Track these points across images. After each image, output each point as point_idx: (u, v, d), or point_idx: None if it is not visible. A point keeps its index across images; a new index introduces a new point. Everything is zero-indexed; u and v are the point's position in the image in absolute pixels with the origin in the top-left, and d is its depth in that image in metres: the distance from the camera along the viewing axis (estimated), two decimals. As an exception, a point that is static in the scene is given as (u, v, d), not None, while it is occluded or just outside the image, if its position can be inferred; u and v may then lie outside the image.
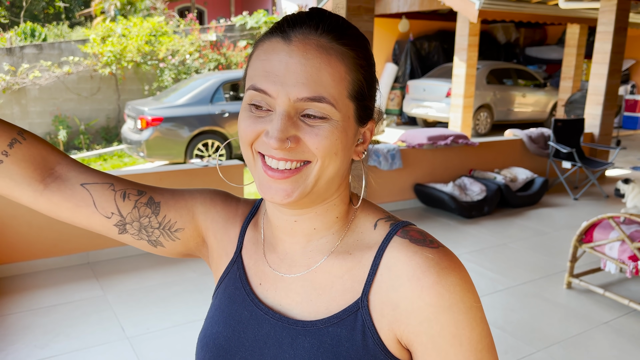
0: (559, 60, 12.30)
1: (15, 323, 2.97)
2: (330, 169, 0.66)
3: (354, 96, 0.67)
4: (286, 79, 0.63)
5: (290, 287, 0.73)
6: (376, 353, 0.67)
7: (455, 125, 8.60)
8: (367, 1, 4.47)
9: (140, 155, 7.15)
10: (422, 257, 0.66)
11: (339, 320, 0.68)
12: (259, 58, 0.67)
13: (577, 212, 5.37)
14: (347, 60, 0.66)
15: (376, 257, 0.69)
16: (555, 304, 3.36)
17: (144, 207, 0.78)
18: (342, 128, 0.65)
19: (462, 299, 0.64)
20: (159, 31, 10.27)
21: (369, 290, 0.68)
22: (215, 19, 15.64)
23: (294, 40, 0.64)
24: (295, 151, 0.64)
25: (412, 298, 0.65)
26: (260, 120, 0.65)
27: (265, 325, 0.72)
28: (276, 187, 0.65)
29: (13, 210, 3.54)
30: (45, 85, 9.21)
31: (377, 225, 0.72)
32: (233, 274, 0.78)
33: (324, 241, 0.73)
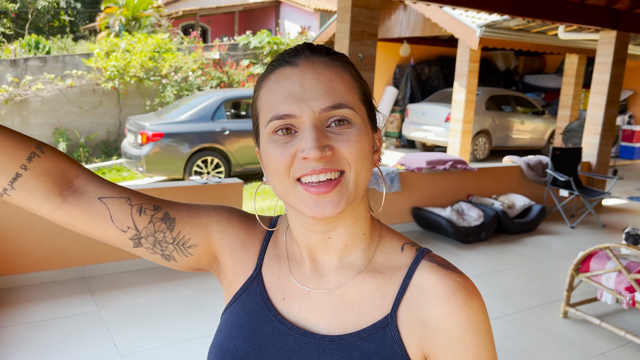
0: (557, 89, 12.44)
1: (8, 336, 2.94)
2: (364, 173, 0.70)
3: (364, 100, 0.73)
4: (306, 95, 0.67)
5: (317, 302, 0.75)
6: None
7: (454, 150, 8.66)
8: (371, 26, 4.54)
9: (139, 169, 7.16)
10: (452, 280, 0.71)
11: (368, 335, 0.71)
12: (270, 89, 0.70)
13: (573, 240, 5.38)
14: (349, 71, 0.72)
15: (406, 277, 0.73)
16: (551, 333, 3.35)
17: (160, 222, 0.79)
18: (365, 131, 0.70)
19: (483, 321, 0.70)
20: (163, 48, 10.38)
21: (397, 307, 0.71)
22: (219, 37, 15.82)
23: (301, 63, 0.70)
24: (332, 160, 0.67)
25: (443, 316, 0.69)
26: (289, 144, 0.68)
27: (289, 340, 0.73)
28: (324, 201, 0.67)
29: (10, 222, 3.53)
30: (48, 97, 9.26)
31: (404, 248, 0.76)
32: (252, 290, 0.79)
33: (353, 258, 0.76)
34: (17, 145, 0.71)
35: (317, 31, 15.57)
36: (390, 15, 10.17)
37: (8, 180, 0.71)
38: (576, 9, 5.81)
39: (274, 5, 18.96)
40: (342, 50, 4.53)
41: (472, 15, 7.98)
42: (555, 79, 12.77)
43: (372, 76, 4.65)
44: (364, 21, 4.50)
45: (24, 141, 0.73)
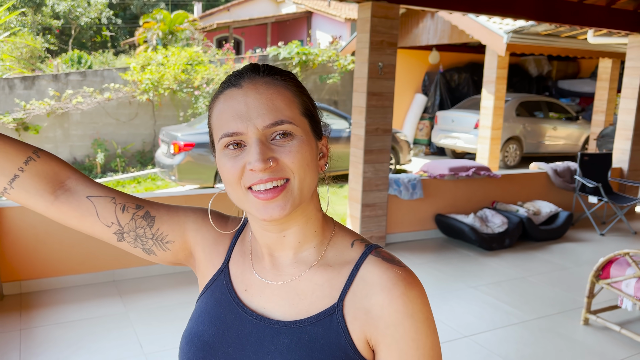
0: (592, 94, 12.16)
1: (41, 336, 3.14)
2: (308, 179, 0.78)
3: (306, 113, 0.81)
4: (249, 114, 0.76)
5: (275, 292, 0.83)
6: (347, 351, 0.77)
7: (483, 156, 8.60)
8: (390, 36, 4.62)
9: (172, 178, 7.40)
10: (393, 272, 0.78)
11: (317, 321, 0.79)
12: (219, 110, 0.80)
13: (602, 247, 5.28)
14: (290, 88, 0.80)
15: (353, 270, 0.80)
16: (570, 340, 3.32)
17: (140, 219, 0.89)
18: (306, 142, 0.78)
19: (421, 309, 0.77)
20: (196, 60, 10.69)
21: (344, 297, 0.79)
22: (252, 48, 16.15)
23: (245, 84, 0.78)
24: (276, 170, 0.75)
25: (383, 305, 0.77)
26: (239, 157, 0.77)
27: (248, 325, 0.82)
28: (272, 205, 0.76)
29: (47, 228, 3.76)
30: (87, 110, 9.67)
31: (353, 244, 0.84)
32: (220, 281, 0.89)
33: (307, 254, 0.84)
34: (15, 150, 0.84)
35: (347, 40, 15.70)
36: (418, 23, 10.21)
37: (7, 180, 0.84)
38: (603, 14, 5.74)
39: (305, 16, 19.22)
40: (362, 60, 4.62)
41: (499, 22, 7.94)
42: (590, 83, 12.49)
43: (393, 84, 4.72)
44: (383, 31, 4.58)
45: (22, 147, 0.85)
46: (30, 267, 3.73)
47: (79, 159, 9.68)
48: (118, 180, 8.94)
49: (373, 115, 4.67)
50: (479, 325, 3.48)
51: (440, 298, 3.90)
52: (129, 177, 9.13)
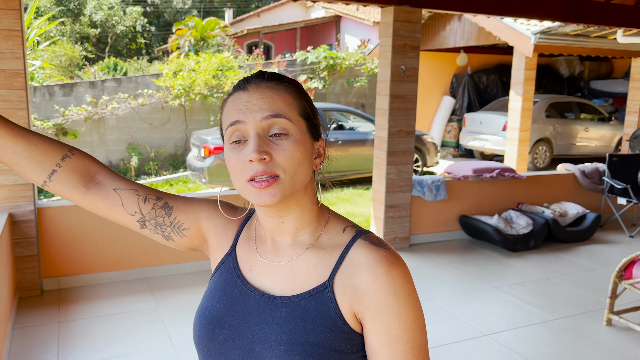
0: (626, 94, 11.90)
1: (77, 328, 3.33)
2: (299, 175, 0.88)
3: (303, 115, 0.91)
4: (251, 108, 0.88)
5: (274, 271, 0.94)
6: (336, 322, 0.87)
7: (511, 158, 8.54)
8: (413, 39, 4.69)
9: (203, 181, 7.61)
10: (378, 253, 0.88)
11: (310, 296, 0.89)
12: (228, 108, 0.92)
13: (631, 249, 5.21)
14: (291, 92, 0.91)
15: (343, 252, 0.91)
16: (591, 340, 3.33)
17: (160, 209, 1.03)
18: (300, 141, 0.88)
19: (403, 287, 0.87)
20: (226, 66, 10.94)
21: (334, 275, 0.89)
22: (281, 53, 16.38)
23: (250, 88, 0.90)
24: (270, 165, 0.85)
25: (368, 282, 0.86)
26: (242, 152, 0.88)
27: (251, 300, 0.93)
28: (264, 193, 0.86)
29: (84, 228, 3.97)
30: (122, 115, 10.01)
31: (345, 230, 0.95)
32: (228, 263, 1.00)
33: (303, 238, 0.95)
34: (53, 148, 0.98)
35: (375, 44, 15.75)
36: (445, 25, 10.21)
37: (47, 174, 0.98)
38: (632, 13, 5.67)
39: (334, 20, 19.37)
40: (385, 63, 4.70)
41: (526, 23, 7.89)
42: (623, 84, 12.22)
43: (415, 87, 4.78)
44: (406, 35, 4.66)
45: (59, 145, 1.00)
46: (68, 264, 3.95)
47: (114, 163, 10.03)
48: (151, 182, 9.22)
49: (396, 118, 4.74)
50: (500, 324, 3.52)
51: (463, 297, 3.94)
52: (161, 179, 9.42)
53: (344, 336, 0.87)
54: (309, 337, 0.86)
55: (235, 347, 0.91)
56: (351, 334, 0.88)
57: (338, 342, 0.86)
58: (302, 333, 0.86)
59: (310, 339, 0.86)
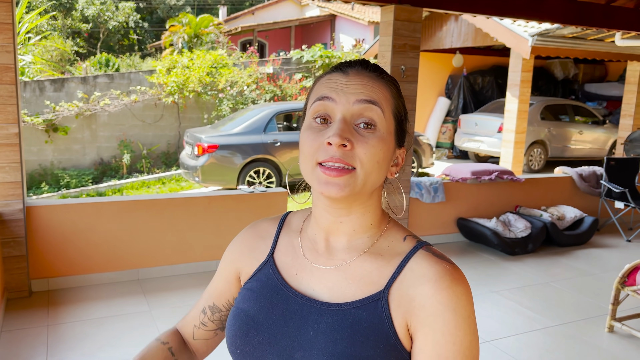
0: (620, 97, 11.91)
1: (67, 332, 3.22)
2: (373, 176, 0.82)
3: (395, 115, 0.85)
4: (346, 89, 0.82)
5: (324, 276, 0.87)
6: (388, 337, 0.79)
7: (507, 160, 8.50)
8: (413, 39, 4.62)
9: (196, 180, 7.50)
10: (442, 266, 0.81)
11: (362, 305, 0.82)
12: (321, 84, 0.85)
13: (629, 254, 5.17)
14: (391, 89, 0.86)
15: (403, 261, 0.84)
16: (594, 348, 3.27)
17: (217, 313, 1.04)
18: (385, 140, 0.82)
19: (464, 306, 0.79)
20: (220, 63, 10.81)
21: (391, 285, 0.82)
22: (275, 52, 16.28)
23: (351, 73, 0.84)
24: (348, 155, 0.79)
25: (428, 295, 0.79)
26: (321, 133, 0.81)
27: (293, 304, 0.86)
28: (332, 182, 0.79)
29: (74, 227, 3.85)
30: (114, 112, 9.87)
31: (406, 239, 0.88)
32: (266, 269, 0.94)
33: (360, 242, 0.88)
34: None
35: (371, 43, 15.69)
36: (442, 26, 10.16)
37: None
38: (632, 16, 5.63)
39: (329, 19, 19.29)
40: (385, 63, 4.63)
41: (523, 24, 7.86)
42: (617, 87, 12.25)
43: (415, 87, 4.71)
44: (406, 34, 4.58)
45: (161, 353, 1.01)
46: (57, 264, 3.83)
47: (105, 160, 9.89)
48: (143, 180, 9.10)
49: (395, 118, 4.66)
50: (501, 330, 3.45)
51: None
52: (153, 178, 9.29)
53: (394, 354, 0.80)
54: (357, 350, 0.78)
55: (271, 351, 0.84)
56: (402, 353, 0.80)
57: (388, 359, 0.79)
58: (349, 345, 0.79)
59: (357, 353, 0.78)
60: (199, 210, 4.25)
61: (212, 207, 4.29)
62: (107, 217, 3.95)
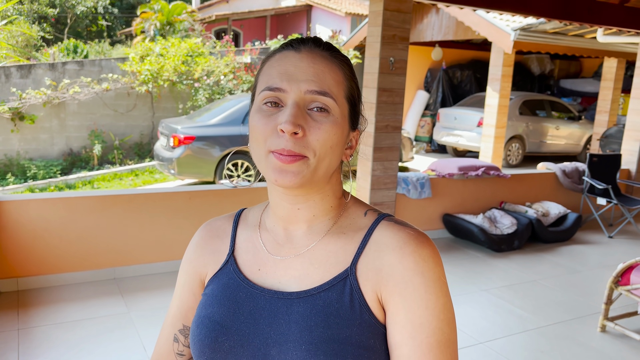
0: (594, 93, 12.10)
1: (40, 336, 3.00)
2: (327, 161, 0.79)
3: (349, 99, 0.82)
4: (297, 76, 0.77)
5: (289, 266, 0.84)
6: (362, 312, 0.77)
7: (486, 155, 8.50)
8: (402, 30, 4.49)
9: (171, 172, 7.25)
10: (405, 232, 0.80)
11: (331, 286, 0.79)
12: (271, 65, 0.81)
13: (611, 251, 5.19)
14: (344, 69, 0.82)
15: (366, 235, 0.82)
16: (588, 348, 3.22)
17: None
18: (339, 125, 0.79)
19: (433, 268, 0.77)
20: (196, 52, 10.51)
21: (357, 260, 0.80)
22: (251, 41, 15.96)
23: (303, 50, 0.80)
24: (299, 144, 0.76)
25: (394, 263, 0.78)
26: (272, 117, 0.77)
27: (261, 300, 0.82)
28: (285, 170, 0.76)
29: (46, 223, 3.61)
30: (84, 100, 9.48)
31: (367, 213, 0.86)
32: (226, 269, 0.89)
33: (321, 225, 0.86)
34: None
35: (347, 35, 15.53)
36: (422, 19, 10.07)
37: None
38: (616, 12, 5.62)
39: (305, 9, 19.04)
40: (373, 54, 4.49)
41: (506, 19, 7.83)
42: (592, 83, 12.42)
43: (404, 80, 4.59)
44: (395, 25, 4.45)
45: None
46: (28, 263, 3.59)
47: (75, 150, 9.50)
48: (115, 172, 8.77)
49: (383, 112, 4.54)
50: (494, 331, 3.38)
51: (454, 301, 3.76)
52: (126, 169, 8.97)
53: (371, 330, 0.77)
54: (334, 333, 0.75)
55: (244, 354, 0.80)
56: (378, 327, 0.78)
57: (366, 337, 0.76)
58: (325, 329, 0.76)
59: (334, 336, 0.75)
60: (179, 205, 4.05)
61: (193, 202, 4.09)
62: (81, 213, 3.72)
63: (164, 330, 0.96)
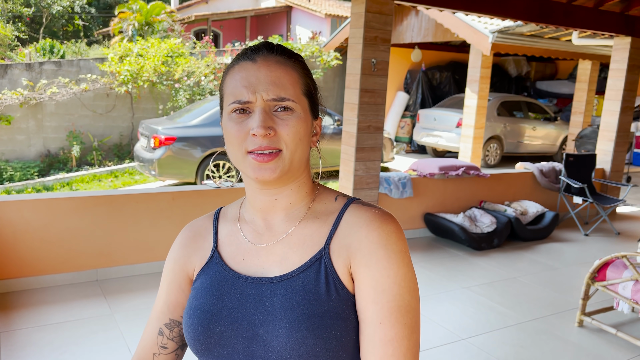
0: (569, 95, 12.36)
1: (21, 339, 2.96)
2: (299, 152, 0.88)
3: (307, 94, 0.91)
4: (258, 87, 0.86)
5: (270, 252, 0.92)
6: (336, 287, 0.86)
7: (465, 155, 8.62)
8: (384, 32, 4.54)
9: (152, 173, 7.20)
10: (371, 212, 0.90)
11: (308, 267, 0.88)
12: (234, 78, 0.89)
13: (587, 248, 5.32)
14: (297, 69, 0.91)
15: (337, 217, 0.91)
16: (566, 343, 3.31)
17: (178, 331, 1.02)
18: (303, 119, 0.88)
19: (395, 242, 0.86)
20: (176, 52, 10.44)
21: (330, 241, 0.89)
22: (230, 42, 15.90)
23: (259, 60, 0.89)
24: (273, 140, 0.86)
25: (361, 238, 0.87)
26: (244, 123, 0.87)
27: (246, 287, 0.90)
28: (265, 167, 0.86)
29: (26, 224, 3.56)
30: (62, 101, 9.35)
31: (337, 198, 0.96)
32: (212, 264, 0.97)
33: (297, 212, 0.94)
34: None
35: (327, 36, 15.59)
36: (402, 20, 10.18)
37: None
38: (591, 15, 5.77)
39: (285, 10, 19.04)
40: (356, 56, 4.53)
41: (484, 21, 7.96)
42: (567, 85, 12.69)
43: (386, 82, 4.64)
44: (377, 27, 4.50)
45: None
46: (8, 265, 3.54)
47: (53, 152, 9.36)
48: (94, 174, 8.67)
49: (365, 113, 4.59)
50: (476, 327, 3.44)
51: (435, 299, 3.85)
52: (105, 171, 8.87)
53: (344, 302, 0.85)
54: (314, 308, 0.84)
55: (235, 336, 0.87)
56: (350, 299, 0.86)
57: (342, 309, 0.85)
58: (306, 306, 0.84)
59: (315, 311, 0.84)
60: (162, 206, 4.03)
61: (177, 203, 4.08)
62: (62, 214, 3.68)
63: (149, 325, 1.02)
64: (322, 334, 0.82)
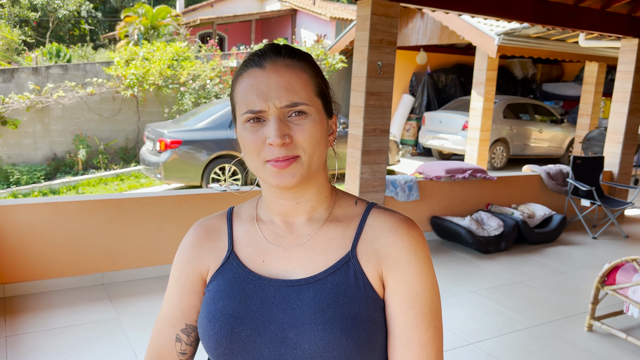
0: (576, 97, 12.29)
1: (27, 343, 2.96)
2: (317, 155, 0.87)
3: (319, 94, 0.89)
4: (269, 95, 0.84)
5: (293, 254, 0.91)
6: (366, 290, 0.87)
7: (471, 158, 8.58)
8: (390, 34, 4.53)
9: (158, 176, 7.20)
10: (396, 217, 0.91)
11: (336, 270, 0.88)
12: (243, 86, 0.88)
13: (595, 251, 5.27)
14: (307, 70, 0.89)
15: (361, 221, 0.92)
16: (575, 347, 3.27)
17: (195, 336, 0.99)
18: (318, 120, 0.87)
19: (422, 248, 0.89)
20: (181, 56, 10.46)
21: (356, 244, 0.90)
22: (236, 45, 15.92)
23: (267, 65, 0.87)
24: (290, 148, 0.84)
25: (390, 244, 0.88)
26: (259, 131, 0.86)
27: (270, 289, 0.88)
28: (284, 174, 0.85)
29: (32, 228, 3.57)
30: (68, 104, 9.38)
31: (357, 202, 0.96)
32: (229, 265, 0.94)
33: (318, 215, 0.94)
34: None
35: (332, 39, 15.59)
36: (407, 23, 10.16)
37: None
38: (598, 17, 5.74)
39: (290, 13, 19.07)
40: (361, 58, 4.52)
41: (490, 23, 7.93)
42: (573, 87, 12.62)
43: (391, 84, 4.63)
44: (383, 29, 4.49)
45: None
46: (14, 269, 3.54)
47: (59, 155, 9.39)
48: (100, 177, 8.69)
49: (371, 115, 4.57)
50: (484, 331, 3.41)
51: (443, 303, 3.81)
52: (111, 174, 8.89)
53: (374, 305, 0.86)
54: (345, 311, 0.84)
55: (262, 340, 0.85)
56: (379, 302, 0.87)
57: (372, 312, 0.85)
58: (337, 308, 0.84)
59: (346, 313, 0.83)
60: (168, 210, 4.03)
61: (183, 206, 4.08)
62: (68, 218, 3.68)
63: (163, 332, 0.97)
64: (355, 336, 0.83)
